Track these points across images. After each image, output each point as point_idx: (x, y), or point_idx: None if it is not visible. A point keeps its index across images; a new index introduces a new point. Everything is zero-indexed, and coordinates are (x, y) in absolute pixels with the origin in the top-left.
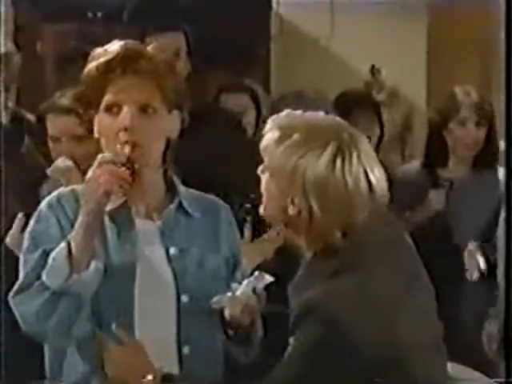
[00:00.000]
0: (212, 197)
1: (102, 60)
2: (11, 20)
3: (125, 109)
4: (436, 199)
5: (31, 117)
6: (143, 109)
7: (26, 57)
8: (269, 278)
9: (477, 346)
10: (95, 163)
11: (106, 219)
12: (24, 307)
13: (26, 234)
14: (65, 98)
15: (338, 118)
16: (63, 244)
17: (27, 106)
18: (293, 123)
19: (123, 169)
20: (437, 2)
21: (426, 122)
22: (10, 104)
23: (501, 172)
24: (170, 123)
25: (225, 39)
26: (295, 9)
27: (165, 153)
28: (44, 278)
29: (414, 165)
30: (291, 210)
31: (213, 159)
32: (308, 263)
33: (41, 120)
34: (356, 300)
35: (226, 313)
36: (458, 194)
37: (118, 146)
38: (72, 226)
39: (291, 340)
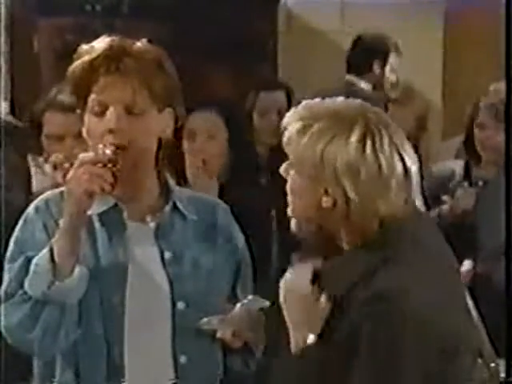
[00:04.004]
0: (209, 197)
1: (85, 58)
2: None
3: (110, 110)
4: (464, 198)
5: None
6: (129, 109)
7: (20, 52)
8: (264, 302)
9: None
10: (76, 163)
11: (96, 222)
12: (6, 318)
13: (12, 240)
14: (64, 95)
15: (359, 101)
16: (45, 250)
17: (22, 103)
18: (314, 112)
19: (104, 169)
20: None
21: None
22: None
23: None
24: (161, 123)
25: (231, 34)
26: (304, 2)
27: (158, 153)
28: (26, 286)
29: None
30: (325, 202)
31: None
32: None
33: (34, 119)
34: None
35: (218, 334)
36: (490, 194)
37: (100, 146)
38: None
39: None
